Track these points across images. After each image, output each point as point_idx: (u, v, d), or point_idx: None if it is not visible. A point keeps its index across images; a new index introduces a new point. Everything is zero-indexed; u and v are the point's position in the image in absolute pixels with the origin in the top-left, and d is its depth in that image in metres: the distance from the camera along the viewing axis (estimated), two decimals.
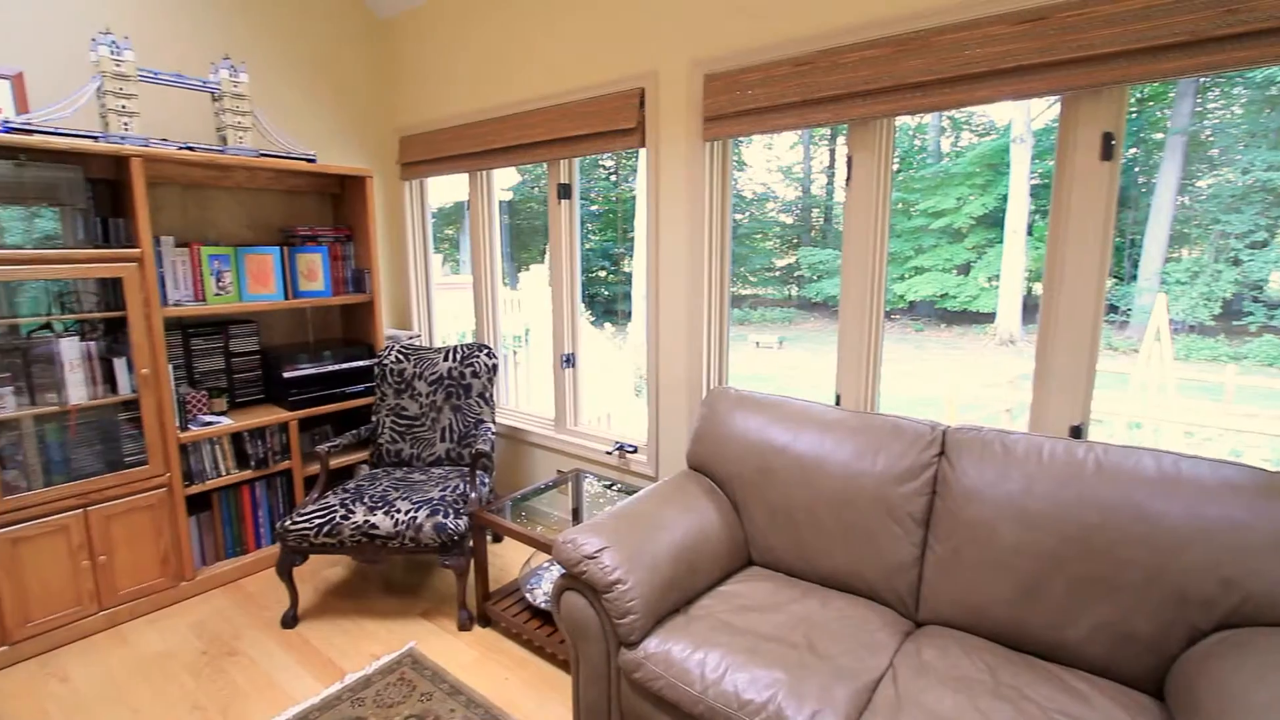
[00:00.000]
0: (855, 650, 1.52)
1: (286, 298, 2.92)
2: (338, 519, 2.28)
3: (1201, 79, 9.77)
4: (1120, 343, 9.93)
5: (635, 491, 2.50)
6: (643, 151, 2.57)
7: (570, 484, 2.69)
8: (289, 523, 2.29)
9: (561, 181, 2.93)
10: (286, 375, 2.83)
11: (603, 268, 14.34)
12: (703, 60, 2.33)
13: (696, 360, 2.52)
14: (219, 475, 2.69)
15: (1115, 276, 11.16)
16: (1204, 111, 10.46)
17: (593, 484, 2.70)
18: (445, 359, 2.87)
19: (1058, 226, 1.83)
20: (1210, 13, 1.48)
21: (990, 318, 11.68)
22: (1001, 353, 10.71)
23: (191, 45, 2.86)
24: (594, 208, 14.27)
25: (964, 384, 8.12)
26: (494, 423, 2.85)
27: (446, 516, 2.28)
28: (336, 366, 3.00)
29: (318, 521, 2.28)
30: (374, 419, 2.89)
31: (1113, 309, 10.89)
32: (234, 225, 3.00)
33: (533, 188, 12.42)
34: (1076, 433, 1.86)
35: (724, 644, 1.53)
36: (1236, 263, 9.69)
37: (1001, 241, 11.48)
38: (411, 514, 2.28)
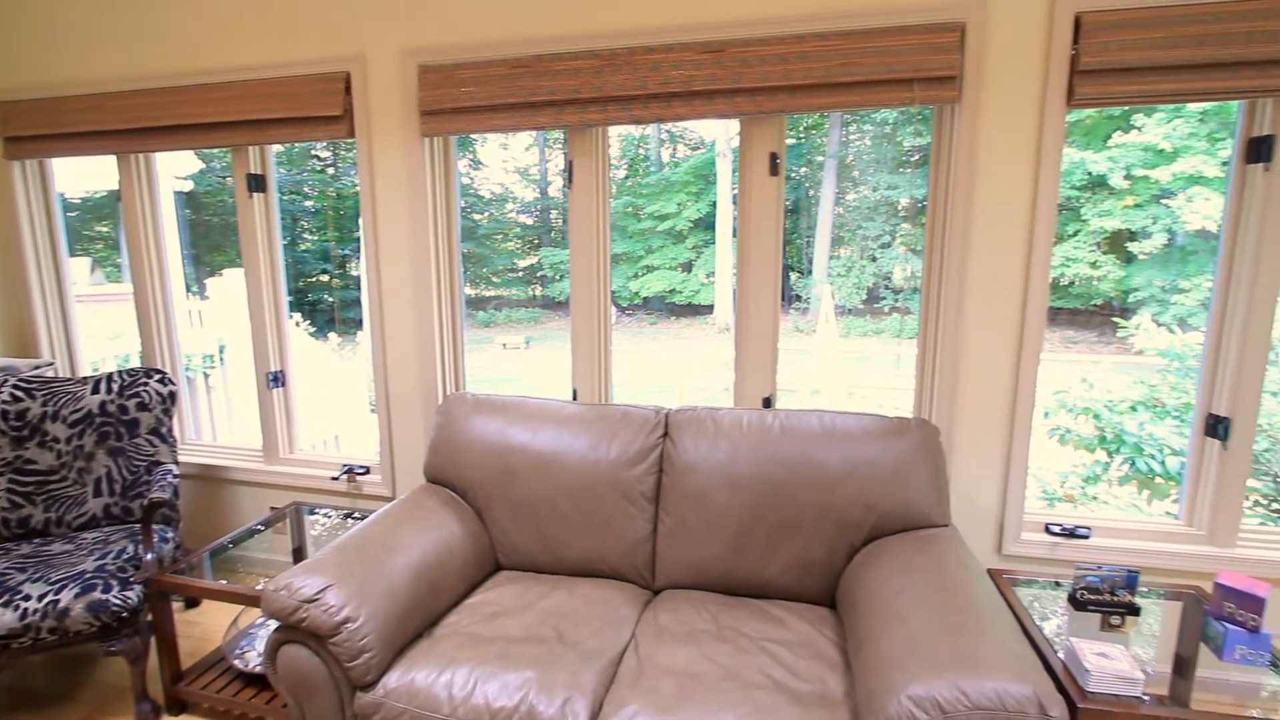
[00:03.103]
0: (602, 630, 1.59)
1: None
2: None
3: (842, 114, 12.44)
4: (804, 325, 12.17)
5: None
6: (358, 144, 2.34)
7: (289, 520, 2.34)
8: None
9: (252, 172, 2.52)
10: None
11: (324, 271, 12.78)
12: (415, 50, 2.20)
13: (430, 367, 2.38)
14: None
15: (798, 271, 13.65)
16: (848, 140, 13.34)
17: (329, 516, 2.39)
18: (95, 391, 2.26)
19: (744, 230, 2.15)
20: (834, 62, 1.86)
21: (710, 309, 13.36)
22: (720, 340, 12.33)
23: None
24: (309, 203, 12.61)
25: (692, 369, 9.16)
26: (176, 463, 2.33)
27: (108, 591, 1.79)
28: None
29: None
30: None
31: (798, 298, 13.29)
32: None
33: (224, 177, 10.49)
34: (768, 403, 2.20)
35: (472, 657, 1.47)
36: (874, 259, 12.55)
37: (714, 242, 13.21)
38: (50, 598, 1.74)
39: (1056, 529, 2.02)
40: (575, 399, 2.34)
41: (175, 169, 4.19)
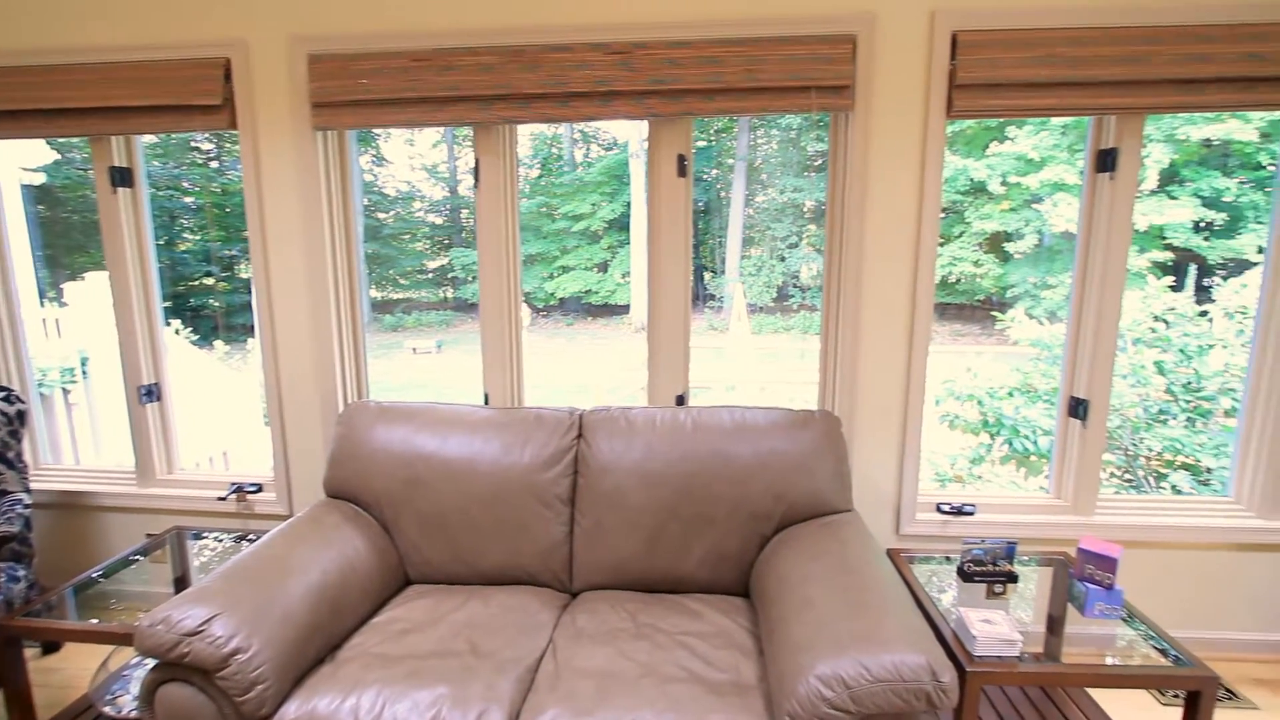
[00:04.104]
0: (517, 639, 1.56)
1: None
2: None
3: (750, 119, 12.86)
4: (718, 323, 12.48)
5: None
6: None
7: (169, 547, 2.13)
8: None
9: (116, 164, 2.28)
10: None
11: (208, 274, 11.74)
12: (305, 38, 2.06)
13: (329, 375, 2.25)
14: None
15: (711, 271, 13.99)
16: (756, 144, 13.80)
17: (220, 539, 2.19)
18: None
19: (655, 230, 2.17)
20: (737, 68, 1.92)
21: (626, 309, 13.43)
22: (637, 339, 12.42)
23: None
24: (189, 199, 11.53)
25: (609, 370, 9.18)
26: (28, 492, 2.07)
27: None
28: None
29: None
30: None
31: (712, 297, 13.62)
32: None
33: (85, 169, 9.43)
34: (681, 401, 2.24)
35: (379, 679, 1.40)
36: (782, 259, 13.06)
37: (629, 242, 13.29)
38: None
39: (947, 508, 2.18)
40: (487, 403, 2.28)
41: (21, 159, 3.71)
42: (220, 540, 2.20)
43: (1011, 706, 1.82)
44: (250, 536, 2.21)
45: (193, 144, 11.30)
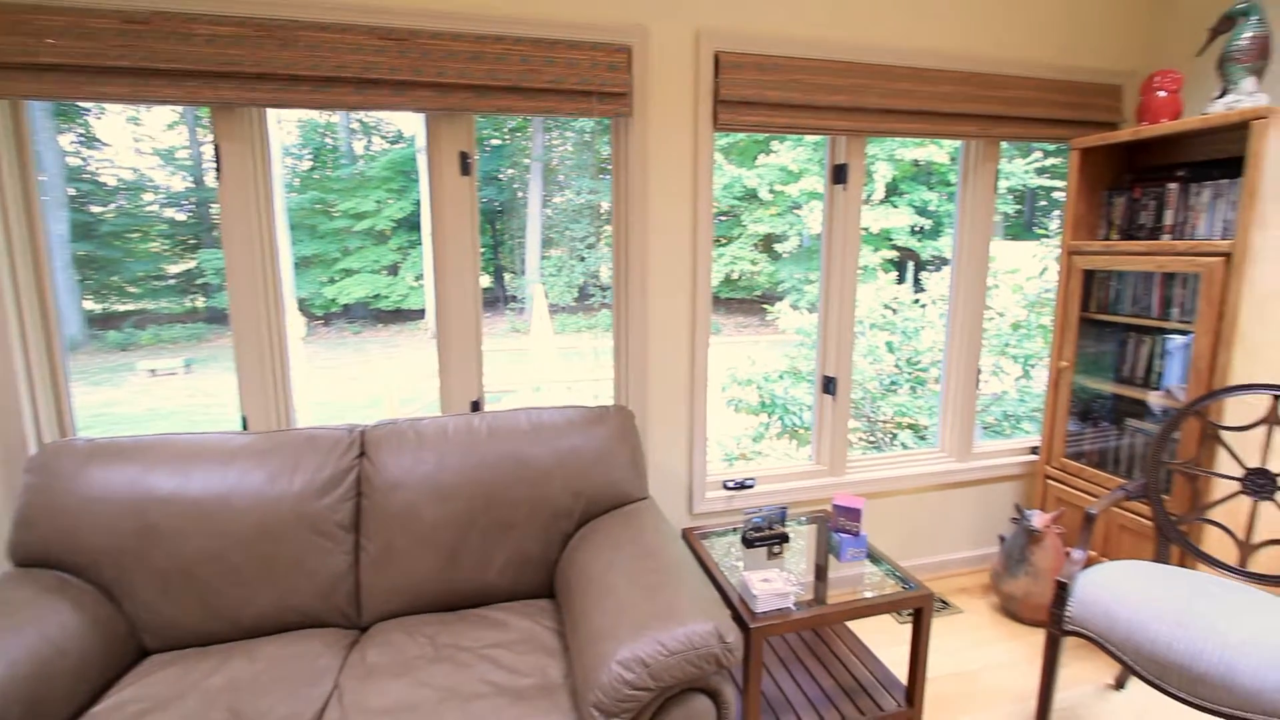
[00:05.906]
0: (294, 692, 1.37)
1: None
2: None
3: (543, 120, 12.88)
4: (520, 325, 12.34)
5: None
6: None
7: None
8: None
9: None
10: None
11: None
12: None
13: (11, 412, 1.76)
14: None
15: (512, 272, 13.78)
16: (551, 145, 13.86)
17: None
18: None
19: (440, 231, 2.05)
20: (518, 67, 1.89)
21: (421, 314, 12.63)
22: (432, 345, 11.74)
23: None
24: None
25: (403, 379, 8.56)
26: None
27: None
28: None
29: None
30: None
31: (513, 298, 13.42)
32: None
33: None
34: (476, 407, 2.16)
35: None
36: (582, 259, 13.32)
37: (421, 243, 12.51)
38: None
39: (731, 484, 2.40)
40: (245, 428, 1.97)
41: None
42: None
43: (790, 650, 2.06)
44: None
45: None
